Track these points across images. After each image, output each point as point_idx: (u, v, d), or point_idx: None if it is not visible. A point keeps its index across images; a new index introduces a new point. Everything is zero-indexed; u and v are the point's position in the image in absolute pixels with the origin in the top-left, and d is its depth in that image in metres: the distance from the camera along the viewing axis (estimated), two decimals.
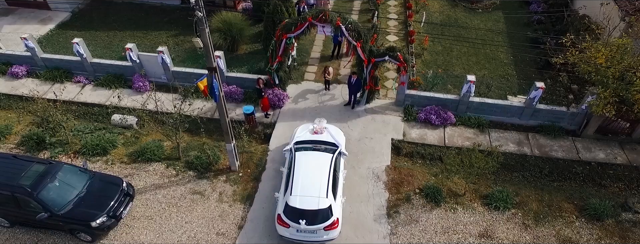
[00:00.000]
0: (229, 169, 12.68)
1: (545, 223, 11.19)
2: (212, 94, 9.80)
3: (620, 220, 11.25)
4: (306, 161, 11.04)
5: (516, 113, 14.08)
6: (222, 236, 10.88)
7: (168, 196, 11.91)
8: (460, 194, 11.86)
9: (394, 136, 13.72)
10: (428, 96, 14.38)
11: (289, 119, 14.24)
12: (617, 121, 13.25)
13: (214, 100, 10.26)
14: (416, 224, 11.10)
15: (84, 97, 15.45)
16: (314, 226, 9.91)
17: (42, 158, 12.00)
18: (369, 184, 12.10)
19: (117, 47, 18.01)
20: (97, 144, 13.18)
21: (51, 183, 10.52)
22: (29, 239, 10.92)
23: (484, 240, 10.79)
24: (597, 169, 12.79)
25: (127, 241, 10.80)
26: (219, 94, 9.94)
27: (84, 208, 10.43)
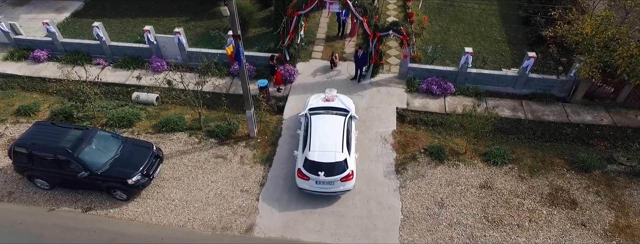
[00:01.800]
0: (247, 136, 13.69)
1: (539, 175, 12.32)
2: (238, 58, 10.81)
3: (606, 171, 12.41)
4: (321, 122, 12.09)
5: (510, 82, 15.23)
6: (246, 193, 11.89)
7: (193, 160, 12.89)
8: (461, 153, 12.96)
9: (399, 105, 14.80)
10: (429, 68, 15.49)
11: (300, 93, 15.27)
12: (602, 86, 14.45)
13: (238, 64, 11.27)
14: (422, 179, 12.19)
15: (104, 77, 16.38)
16: (331, 177, 10.95)
17: (78, 125, 12.94)
18: (378, 146, 13.17)
19: (132, 33, 18.95)
20: (122, 116, 14.12)
21: (88, 145, 11.48)
22: (69, 199, 11.86)
23: (484, 190, 11.89)
24: (585, 130, 13.97)
25: (158, 198, 11.78)
26: (243, 58, 10.95)
27: (119, 168, 11.39)
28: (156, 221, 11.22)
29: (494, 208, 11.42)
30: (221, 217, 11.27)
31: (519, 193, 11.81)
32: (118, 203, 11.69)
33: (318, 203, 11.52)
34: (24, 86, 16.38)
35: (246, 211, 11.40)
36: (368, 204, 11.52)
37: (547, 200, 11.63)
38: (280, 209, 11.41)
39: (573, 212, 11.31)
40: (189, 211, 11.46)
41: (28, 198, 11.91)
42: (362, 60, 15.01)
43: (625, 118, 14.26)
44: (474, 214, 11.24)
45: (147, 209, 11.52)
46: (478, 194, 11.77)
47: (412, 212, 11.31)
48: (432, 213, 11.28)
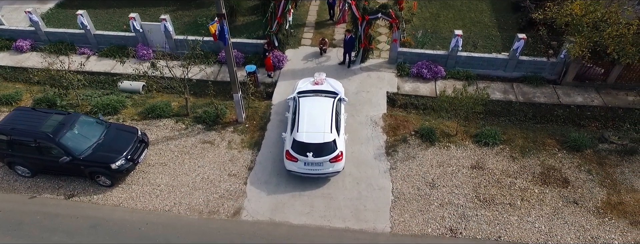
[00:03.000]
0: (235, 121, 13.44)
1: (530, 155, 12.19)
2: (222, 38, 10.56)
3: (597, 150, 12.32)
4: (310, 104, 11.88)
5: (501, 65, 15.12)
6: (234, 177, 11.64)
7: (180, 145, 12.62)
8: (452, 135, 12.81)
9: (389, 89, 14.63)
10: (419, 52, 15.34)
11: (289, 78, 15.05)
12: (592, 68, 14.39)
13: (223, 43, 11.03)
14: (413, 160, 12.02)
15: (89, 66, 16.06)
16: (320, 158, 10.74)
17: (60, 110, 12.61)
18: (368, 129, 12.98)
19: (118, 23, 18.60)
20: (107, 104, 13.82)
21: (70, 130, 11.17)
22: (51, 186, 11.54)
23: (475, 171, 11.74)
24: (576, 111, 13.89)
25: (144, 184, 11.49)
26: (228, 37, 10.72)
27: (103, 152, 11.09)
28: (141, 207, 10.94)
29: (486, 187, 11.27)
30: (208, 201, 11.02)
31: (510, 173, 11.67)
32: (102, 189, 11.39)
33: (307, 186, 11.30)
34: (6, 76, 16.00)
35: (234, 195, 11.15)
36: (358, 186, 11.32)
37: (539, 179, 11.50)
38: (268, 193, 11.17)
39: (565, 190, 11.19)
40: (175, 195, 11.19)
41: (8, 185, 11.57)
42: (350, 44, 14.82)
43: (616, 99, 14.20)
44: (466, 194, 11.09)
45: (132, 195, 11.23)
46: (469, 175, 11.62)
47: (402, 193, 11.13)
48: (423, 194, 11.11)
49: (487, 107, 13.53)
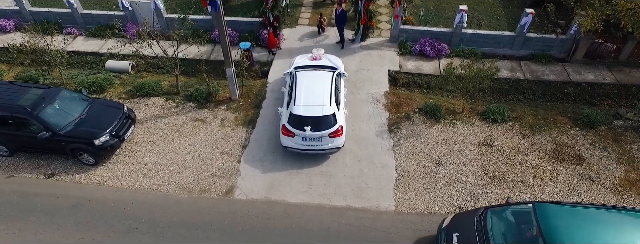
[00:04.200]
0: (229, 99, 12.70)
1: (541, 132, 11.51)
2: (213, 4, 9.84)
3: (612, 127, 11.64)
4: (307, 78, 11.16)
5: (508, 43, 14.44)
6: (227, 155, 10.90)
7: (169, 123, 11.87)
8: (458, 112, 12.12)
9: (391, 67, 13.92)
10: (422, 30, 14.65)
11: (286, 57, 14.31)
12: (604, 44, 13.74)
13: (214, 8, 10.30)
14: (418, 138, 11.31)
15: (76, 46, 15.30)
16: (318, 132, 10.03)
17: (40, 84, 11.84)
18: (369, 107, 12.27)
19: (107, 3, 17.84)
20: (93, 82, 13.05)
21: (51, 104, 10.41)
22: (30, 165, 10.77)
23: (484, 148, 11.05)
24: (588, 89, 13.21)
25: (130, 162, 10.75)
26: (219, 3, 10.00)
27: (86, 128, 10.34)
28: (127, 186, 10.18)
29: (495, 165, 10.58)
30: (199, 180, 10.27)
31: (521, 150, 10.98)
32: (85, 168, 10.63)
33: (305, 163, 10.58)
34: None
35: (226, 173, 10.41)
36: (359, 163, 10.61)
37: (551, 156, 10.81)
38: (263, 171, 10.44)
39: (580, 167, 10.50)
40: (163, 174, 10.44)
41: None
42: (342, 18, 14.09)
43: (629, 76, 13.53)
44: (474, 172, 10.38)
45: (117, 174, 10.48)
46: (477, 152, 10.92)
47: (407, 170, 10.42)
48: (428, 171, 10.40)
49: (494, 85, 12.88)
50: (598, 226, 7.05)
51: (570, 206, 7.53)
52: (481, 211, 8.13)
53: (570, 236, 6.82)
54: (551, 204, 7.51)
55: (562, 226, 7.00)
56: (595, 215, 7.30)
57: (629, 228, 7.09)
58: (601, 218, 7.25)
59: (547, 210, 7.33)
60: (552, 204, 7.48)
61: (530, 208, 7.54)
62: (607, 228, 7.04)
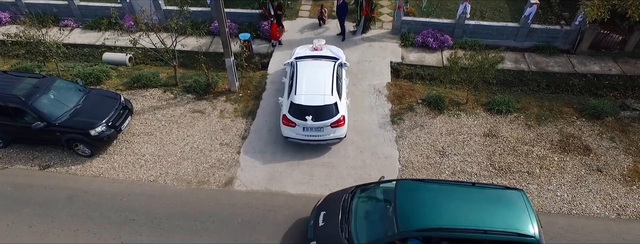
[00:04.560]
0: (228, 91, 12.45)
1: (547, 123, 11.28)
2: None
3: (619, 117, 11.42)
4: (308, 68, 10.93)
5: (511, 34, 14.22)
6: (226, 146, 10.66)
7: (167, 115, 11.62)
8: (462, 103, 11.89)
9: (393, 59, 13.69)
10: (424, 21, 14.42)
11: (286, 49, 14.06)
12: (609, 35, 13.52)
13: None
14: (421, 128, 11.07)
15: (72, 38, 15.04)
16: (320, 122, 9.78)
17: (34, 73, 11.58)
18: (372, 98, 12.04)
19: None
20: (89, 73, 12.80)
21: (45, 94, 10.15)
22: (24, 157, 10.51)
23: (489, 139, 10.82)
24: (593, 80, 13.00)
25: (127, 154, 10.49)
26: None
27: (81, 118, 10.08)
28: (123, 177, 9.93)
29: (501, 155, 10.35)
30: (197, 171, 10.03)
31: (527, 141, 10.75)
32: (81, 159, 10.38)
33: (306, 154, 10.34)
34: None
35: (226, 165, 10.17)
36: (362, 154, 10.38)
37: (557, 147, 10.58)
38: (264, 162, 10.20)
39: (587, 158, 10.28)
40: (161, 165, 10.19)
41: None
42: (343, 9, 13.85)
43: (635, 67, 13.30)
44: (479, 162, 10.15)
45: (113, 165, 10.22)
46: (482, 143, 10.69)
47: (410, 161, 10.18)
48: (433, 162, 10.17)
49: (498, 76, 12.65)
50: (447, 200, 7.48)
51: (430, 182, 7.91)
52: (352, 190, 8.38)
53: (417, 209, 7.30)
54: (411, 181, 7.96)
55: (414, 200, 7.43)
56: (448, 190, 7.70)
57: (476, 199, 7.50)
58: (454, 192, 7.65)
59: (406, 186, 7.70)
60: (411, 181, 7.91)
61: (394, 185, 7.83)
62: (456, 201, 7.45)
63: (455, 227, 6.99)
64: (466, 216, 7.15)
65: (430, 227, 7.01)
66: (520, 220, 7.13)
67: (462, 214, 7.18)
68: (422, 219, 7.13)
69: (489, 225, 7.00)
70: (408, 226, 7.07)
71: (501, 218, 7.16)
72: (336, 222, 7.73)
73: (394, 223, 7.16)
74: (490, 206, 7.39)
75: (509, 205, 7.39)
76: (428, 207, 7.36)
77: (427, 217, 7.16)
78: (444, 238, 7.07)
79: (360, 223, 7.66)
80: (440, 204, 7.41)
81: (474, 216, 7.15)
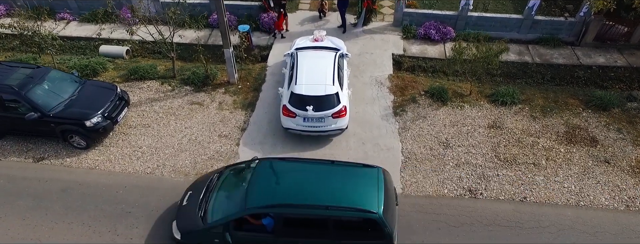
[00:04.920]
0: (227, 83, 12.22)
1: (552, 114, 11.06)
2: None
3: (626, 108, 11.20)
4: (309, 58, 10.71)
5: (515, 26, 13.99)
6: (225, 138, 10.42)
7: (165, 107, 11.38)
8: (465, 95, 11.66)
9: (394, 51, 13.46)
10: (426, 13, 14.19)
11: (286, 41, 13.83)
12: (614, 27, 13.30)
13: None
14: (424, 120, 10.84)
15: (69, 31, 14.79)
16: (321, 112, 9.55)
17: (28, 63, 11.34)
18: (373, 90, 11.81)
19: None
20: (85, 65, 12.56)
21: (39, 84, 9.91)
22: (18, 149, 10.26)
23: (493, 130, 10.59)
24: (598, 72, 12.77)
25: (123, 146, 10.25)
26: None
27: (76, 108, 9.84)
28: (120, 169, 9.69)
29: (506, 147, 10.12)
30: (195, 163, 9.79)
31: (532, 132, 10.53)
32: (76, 151, 10.13)
33: (307, 146, 10.11)
34: None
35: (224, 156, 9.93)
36: (364, 146, 10.14)
37: (564, 138, 10.36)
38: (264, 154, 9.92)
39: (594, 149, 10.06)
40: (158, 157, 9.95)
41: None
42: (343, 1, 13.61)
43: None
44: (484, 154, 9.93)
45: (110, 157, 9.98)
46: (487, 134, 10.46)
47: (413, 153, 9.96)
48: (436, 154, 9.94)
49: (502, 68, 12.44)
50: (300, 178, 7.63)
51: (290, 161, 8.14)
52: (220, 170, 8.54)
53: (268, 186, 7.44)
54: (272, 159, 8.20)
55: (268, 178, 7.59)
56: (305, 169, 7.87)
57: (330, 177, 7.58)
58: (309, 171, 7.81)
59: (264, 165, 7.87)
60: (272, 160, 8.12)
61: (255, 163, 8.01)
62: (309, 179, 7.56)
63: (299, 203, 7.07)
64: (314, 193, 7.23)
65: (275, 203, 7.13)
66: (366, 197, 7.16)
67: (310, 191, 7.29)
68: (270, 196, 7.28)
69: (334, 202, 7.05)
70: (254, 202, 7.20)
71: (348, 194, 7.24)
72: (196, 201, 7.90)
73: (244, 200, 7.27)
74: (341, 183, 7.46)
75: (361, 182, 7.47)
76: (278, 185, 7.50)
77: (274, 194, 7.31)
78: (291, 216, 7.15)
79: (218, 201, 7.78)
80: (291, 182, 7.57)
81: (322, 193, 7.22)
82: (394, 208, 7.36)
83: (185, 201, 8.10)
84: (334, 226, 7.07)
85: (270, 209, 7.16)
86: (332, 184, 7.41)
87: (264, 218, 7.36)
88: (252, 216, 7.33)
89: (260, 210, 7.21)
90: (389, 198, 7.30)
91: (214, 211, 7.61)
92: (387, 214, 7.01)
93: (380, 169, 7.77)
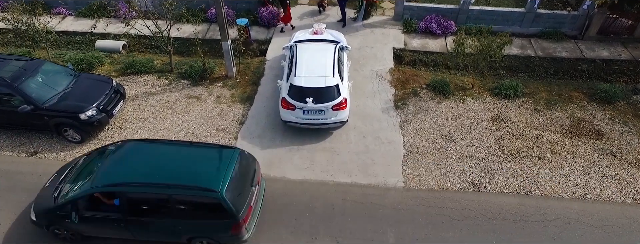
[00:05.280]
0: (225, 76, 12.01)
1: (557, 107, 10.86)
2: None
3: (631, 101, 11.01)
4: (308, 51, 10.50)
5: (517, 20, 13.81)
6: (223, 131, 10.21)
7: (162, 101, 11.17)
8: (467, 88, 11.47)
9: (395, 45, 13.26)
10: (427, 6, 14.00)
11: (286, 35, 13.59)
12: (618, 20, 13.13)
13: None
14: (426, 113, 10.64)
15: (65, 26, 14.56)
16: (321, 104, 9.34)
17: (21, 55, 11.12)
18: (374, 83, 11.60)
19: None
20: (81, 59, 12.34)
21: (33, 77, 9.69)
22: (11, 143, 10.03)
23: (497, 123, 10.39)
24: (602, 65, 12.58)
25: (119, 140, 10.00)
26: None
27: (71, 101, 9.63)
28: None
29: (510, 140, 9.92)
30: None
31: (536, 125, 10.33)
32: (70, 145, 9.92)
33: (306, 139, 9.90)
34: None
35: None
36: (365, 139, 9.94)
37: (568, 131, 10.16)
38: (262, 147, 9.75)
39: (600, 142, 9.86)
40: None
41: None
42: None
43: None
44: (487, 147, 9.72)
45: None
46: (490, 127, 10.26)
47: (416, 146, 9.75)
48: (439, 147, 9.73)
49: (504, 62, 12.23)
50: (153, 158, 7.71)
51: (149, 142, 8.31)
52: (90, 152, 8.71)
53: (118, 166, 7.57)
54: (134, 141, 8.45)
55: (122, 158, 7.71)
56: (161, 150, 7.99)
57: (183, 158, 7.74)
58: (164, 151, 7.92)
59: (123, 146, 8.02)
60: (132, 141, 8.38)
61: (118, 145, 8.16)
62: (161, 160, 7.64)
63: (141, 182, 7.13)
64: (158, 172, 7.30)
65: (117, 182, 7.20)
66: (210, 176, 7.17)
67: (155, 171, 7.34)
68: (116, 175, 7.34)
69: (176, 180, 7.11)
70: (100, 182, 7.28)
71: (192, 174, 7.27)
72: (57, 182, 8.04)
73: (93, 179, 7.37)
74: (190, 163, 7.54)
75: (210, 163, 7.49)
76: (128, 165, 7.58)
77: (121, 173, 7.38)
78: (136, 195, 7.18)
79: (71, 182, 7.85)
80: (141, 162, 7.62)
81: (166, 173, 7.29)
82: (246, 189, 7.39)
83: (48, 183, 8.24)
84: (178, 205, 7.13)
85: (113, 188, 7.24)
86: (180, 164, 7.51)
87: (116, 198, 7.40)
88: (104, 195, 7.43)
89: (104, 189, 7.30)
90: (239, 178, 7.35)
91: (66, 191, 7.71)
92: (232, 193, 7.08)
93: (237, 151, 7.82)
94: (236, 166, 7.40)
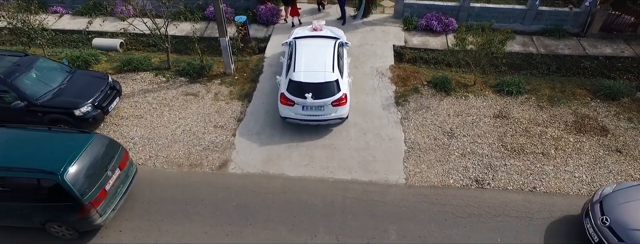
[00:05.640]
0: (223, 73, 11.84)
1: (560, 104, 10.69)
2: None
3: (636, 98, 10.84)
4: (308, 46, 10.33)
5: (518, 17, 13.67)
6: (221, 128, 10.02)
7: (159, 98, 10.98)
8: (469, 85, 11.30)
9: (396, 42, 13.11)
10: (428, 4, 13.87)
11: (284, 33, 13.46)
12: (621, 17, 13.00)
13: None
14: (427, 110, 10.46)
15: (61, 25, 14.41)
16: (321, 100, 9.16)
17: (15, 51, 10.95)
18: (374, 80, 11.43)
19: None
20: (77, 56, 12.18)
21: (27, 72, 9.52)
22: None
23: (499, 120, 10.21)
24: (605, 62, 12.42)
25: (115, 137, 9.81)
26: None
27: (66, 97, 9.45)
28: None
29: (513, 136, 9.73)
30: (190, 154, 9.37)
31: (539, 122, 10.15)
32: None
33: (306, 136, 9.71)
34: None
35: (220, 147, 9.52)
36: (365, 136, 9.75)
37: (572, 128, 9.98)
38: (261, 144, 9.56)
39: (605, 139, 9.67)
40: (151, 148, 9.53)
41: None
42: None
43: None
44: (490, 144, 9.53)
45: None
46: (493, 124, 10.08)
47: (417, 143, 9.56)
48: (441, 144, 9.54)
49: (506, 59, 12.08)
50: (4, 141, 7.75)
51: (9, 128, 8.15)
52: None
53: None
54: None
55: None
56: (18, 135, 7.99)
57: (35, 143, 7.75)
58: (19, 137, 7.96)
59: None
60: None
61: None
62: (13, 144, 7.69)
63: None
64: (1, 157, 7.32)
65: None
66: (53, 159, 7.19)
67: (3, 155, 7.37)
68: None
69: (17, 163, 7.15)
70: None
71: (36, 157, 7.32)
72: None
73: None
74: (38, 147, 7.59)
75: (60, 147, 7.52)
76: None
77: None
78: None
79: None
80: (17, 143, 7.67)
81: (9, 156, 7.33)
82: (98, 173, 7.39)
83: None
84: (20, 188, 7.19)
85: None
86: (27, 148, 7.55)
87: None
88: None
89: None
90: (90, 162, 7.33)
91: None
92: (77, 176, 7.08)
93: (93, 136, 7.80)
94: (87, 150, 7.40)
